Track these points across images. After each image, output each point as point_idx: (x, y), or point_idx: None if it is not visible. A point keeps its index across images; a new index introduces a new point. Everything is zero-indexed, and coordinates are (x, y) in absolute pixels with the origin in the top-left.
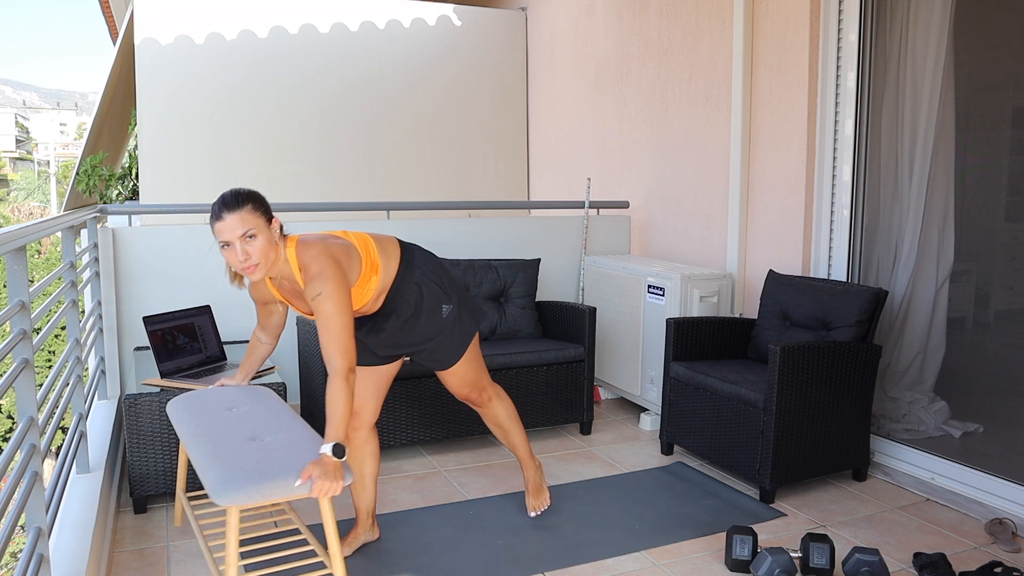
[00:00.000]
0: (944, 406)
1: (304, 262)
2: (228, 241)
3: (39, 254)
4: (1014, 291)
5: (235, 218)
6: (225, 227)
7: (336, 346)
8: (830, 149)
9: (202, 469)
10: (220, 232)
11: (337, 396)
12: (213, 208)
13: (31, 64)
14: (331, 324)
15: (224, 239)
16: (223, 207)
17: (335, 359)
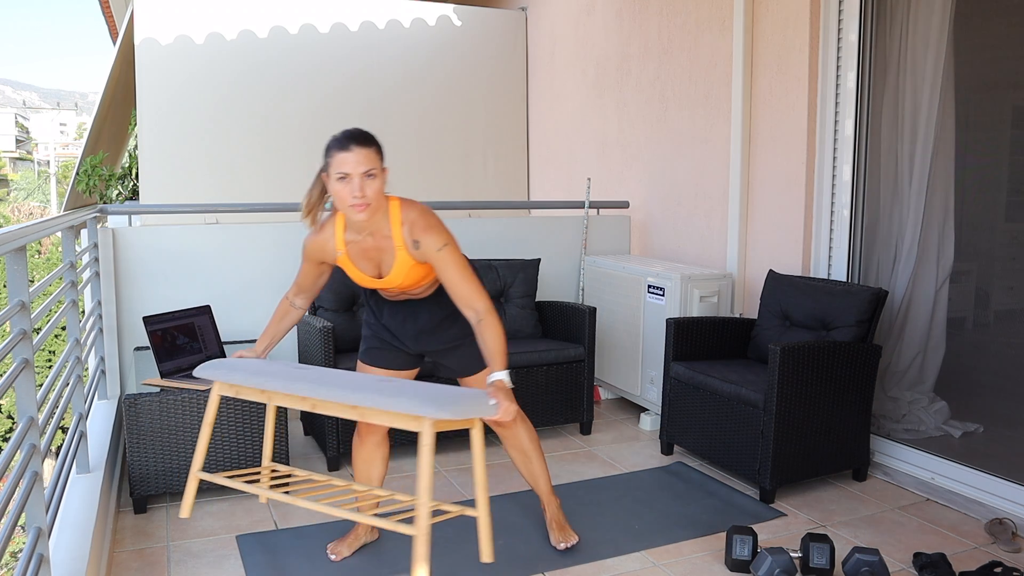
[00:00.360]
0: (944, 406)
1: (411, 217)
2: (348, 174)
3: (39, 254)
4: (1014, 291)
5: (363, 153)
6: (351, 159)
7: (477, 287)
8: (830, 149)
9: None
10: (343, 163)
11: (498, 329)
12: (336, 139)
13: (31, 64)
14: (465, 270)
15: (345, 171)
16: (351, 140)
17: (482, 299)
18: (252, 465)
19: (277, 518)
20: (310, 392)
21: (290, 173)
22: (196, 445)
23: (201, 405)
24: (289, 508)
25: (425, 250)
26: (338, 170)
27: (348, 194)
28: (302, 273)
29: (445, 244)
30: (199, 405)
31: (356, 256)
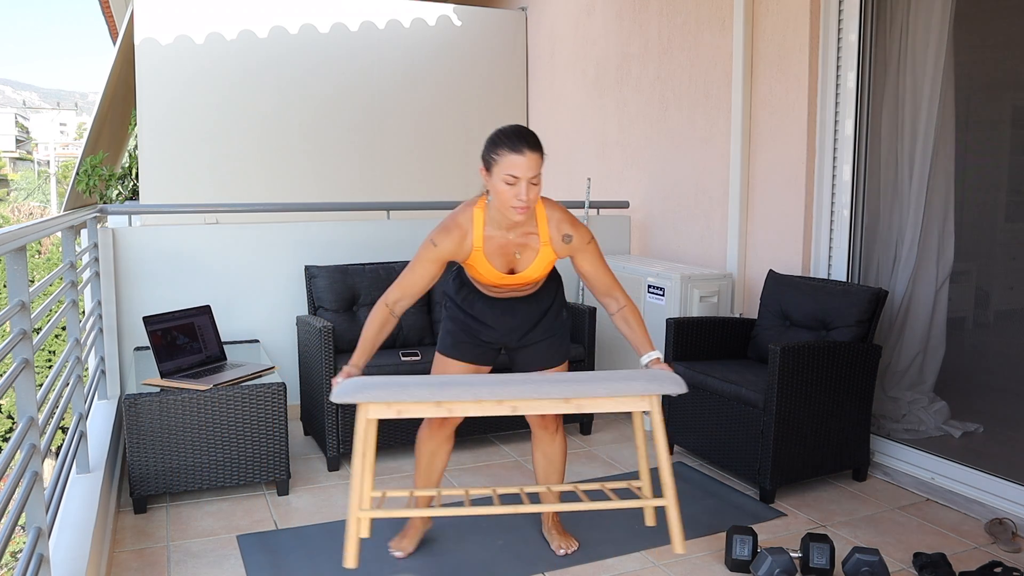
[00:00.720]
0: (944, 406)
1: (556, 215)
2: (518, 177)
3: (39, 254)
4: (1014, 291)
5: (535, 158)
6: (523, 163)
7: (615, 277)
8: (830, 149)
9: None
10: (515, 165)
11: (640, 313)
12: (507, 139)
13: (31, 64)
14: (605, 262)
15: (515, 174)
16: (524, 142)
17: (621, 289)
18: (251, 465)
19: (277, 518)
20: (503, 394)
21: (290, 173)
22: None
23: (201, 405)
24: (289, 508)
25: (576, 243)
26: (508, 172)
27: (513, 196)
28: (416, 275)
29: (592, 238)
30: (199, 405)
31: (492, 252)
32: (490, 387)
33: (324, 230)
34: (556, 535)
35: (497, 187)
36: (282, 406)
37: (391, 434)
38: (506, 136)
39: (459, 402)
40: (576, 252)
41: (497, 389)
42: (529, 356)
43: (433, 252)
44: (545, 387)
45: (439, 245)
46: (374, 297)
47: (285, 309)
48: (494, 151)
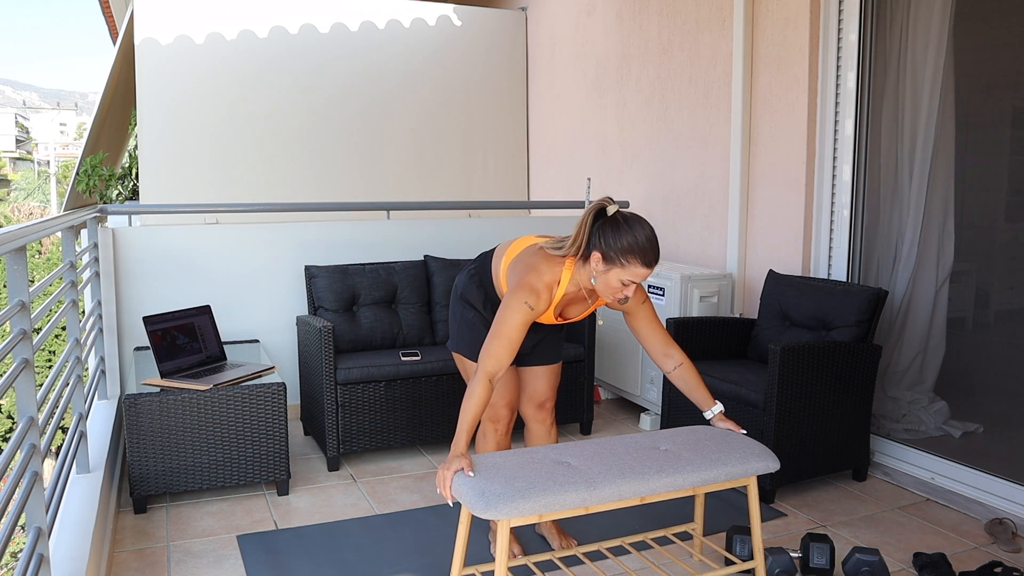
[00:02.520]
0: (944, 406)
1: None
2: (635, 282)
3: (39, 254)
4: (1014, 291)
5: (650, 272)
6: (646, 276)
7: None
8: (830, 149)
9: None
10: (638, 275)
11: (696, 372)
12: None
13: (31, 64)
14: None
15: (636, 280)
16: (656, 259)
17: (676, 345)
18: (251, 465)
19: (277, 518)
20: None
21: (290, 173)
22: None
23: (201, 405)
24: (289, 508)
25: (632, 303)
26: (629, 276)
27: (619, 292)
28: (513, 344)
29: (647, 298)
30: (199, 405)
31: (559, 306)
32: (633, 486)
33: (324, 230)
34: (556, 535)
35: (610, 280)
36: (282, 406)
37: (392, 434)
38: (642, 250)
39: (603, 504)
40: (631, 310)
41: (637, 487)
42: (546, 351)
43: (529, 316)
44: (679, 479)
45: (535, 308)
46: (374, 297)
47: (285, 309)
48: (625, 256)
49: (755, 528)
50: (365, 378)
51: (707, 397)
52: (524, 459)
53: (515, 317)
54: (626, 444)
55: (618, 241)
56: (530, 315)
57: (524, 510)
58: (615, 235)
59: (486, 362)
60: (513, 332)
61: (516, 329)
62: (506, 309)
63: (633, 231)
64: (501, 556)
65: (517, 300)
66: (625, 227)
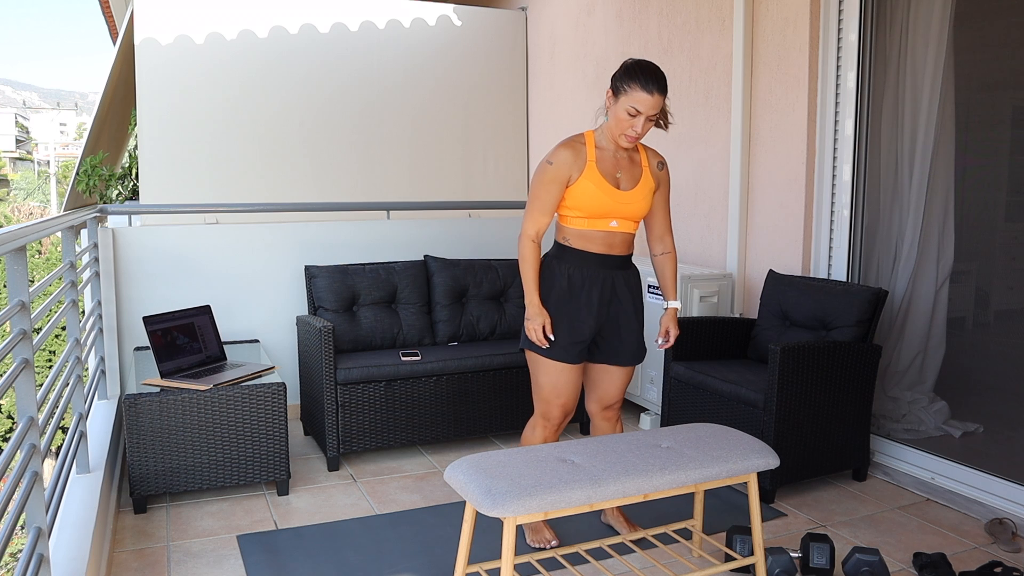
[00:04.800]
0: (944, 406)
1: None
2: (640, 113)
3: (39, 254)
4: (1014, 291)
5: (659, 100)
6: (650, 102)
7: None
8: (830, 149)
9: (710, 473)
10: (641, 102)
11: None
12: (642, 75)
13: (31, 64)
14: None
15: (640, 109)
16: (656, 84)
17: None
18: (251, 465)
19: (277, 518)
20: (645, 488)
21: (290, 173)
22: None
23: (201, 405)
24: (289, 508)
25: (664, 173)
26: (632, 104)
27: (628, 127)
28: (547, 201)
29: (667, 181)
30: (199, 405)
31: (605, 164)
32: (636, 483)
33: (324, 230)
34: (624, 522)
35: (618, 114)
36: (282, 406)
37: (392, 434)
38: (641, 72)
39: (608, 501)
40: (660, 183)
41: (641, 484)
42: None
43: (552, 171)
44: (681, 476)
45: (555, 162)
46: (374, 297)
47: (285, 309)
48: (627, 82)
49: (755, 525)
50: (365, 378)
51: (672, 290)
52: (529, 457)
53: (540, 177)
54: (628, 442)
55: (623, 73)
56: (552, 171)
57: (530, 507)
58: (622, 71)
59: (525, 225)
60: (541, 192)
61: (543, 187)
62: (534, 178)
63: (637, 64)
64: (507, 554)
65: (541, 164)
66: (633, 64)
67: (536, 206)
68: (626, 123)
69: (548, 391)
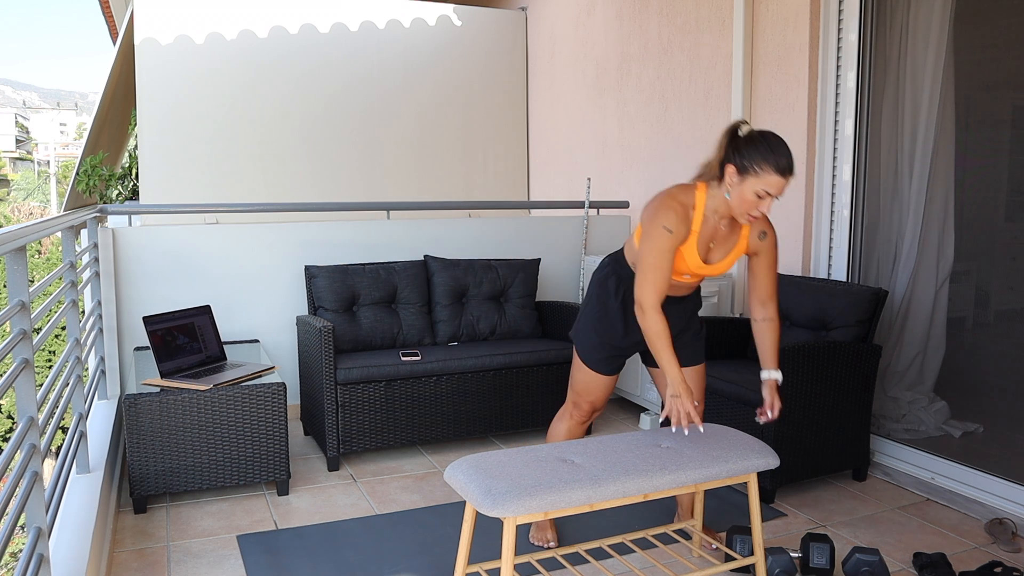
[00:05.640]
0: (944, 406)
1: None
2: (769, 194)
3: (39, 254)
4: (1014, 291)
5: (787, 183)
6: (782, 186)
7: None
8: (830, 149)
9: (711, 473)
10: (773, 185)
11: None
12: (777, 157)
13: (31, 64)
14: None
15: (771, 192)
16: (790, 169)
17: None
18: (251, 465)
19: (277, 518)
20: (646, 488)
21: (290, 173)
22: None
23: (201, 405)
24: (289, 508)
25: (767, 243)
26: (763, 187)
27: (753, 207)
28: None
29: (777, 242)
30: (199, 405)
31: (704, 236)
32: (637, 483)
33: (324, 230)
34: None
35: (744, 195)
36: (282, 406)
37: (392, 434)
38: (775, 155)
39: (608, 501)
40: (762, 251)
41: (641, 484)
42: (682, 355)
43: (671, 240)
44: (682, 476)
45: (674, 230)
46: (374, 297)
47: (285, 309)
48: (758, 163)
49: (755, 524)
50: (365, 378)
51: (772, 359)
52: (529, 457)
53: (657, 244)
54: (628, 442)
55: (752, 152)
56: (671, 240)
57: (531, 507)
58: (748, 146)
59: (645, 297)
60: (660, 260)
61: (663, 256)
62: (647, 240)
63: (767, 141)
64: (507, 554)
65: (655, 227)
66: (760, 139)
67: (656, 275)
68: (752, 204)
69: (580, 388)
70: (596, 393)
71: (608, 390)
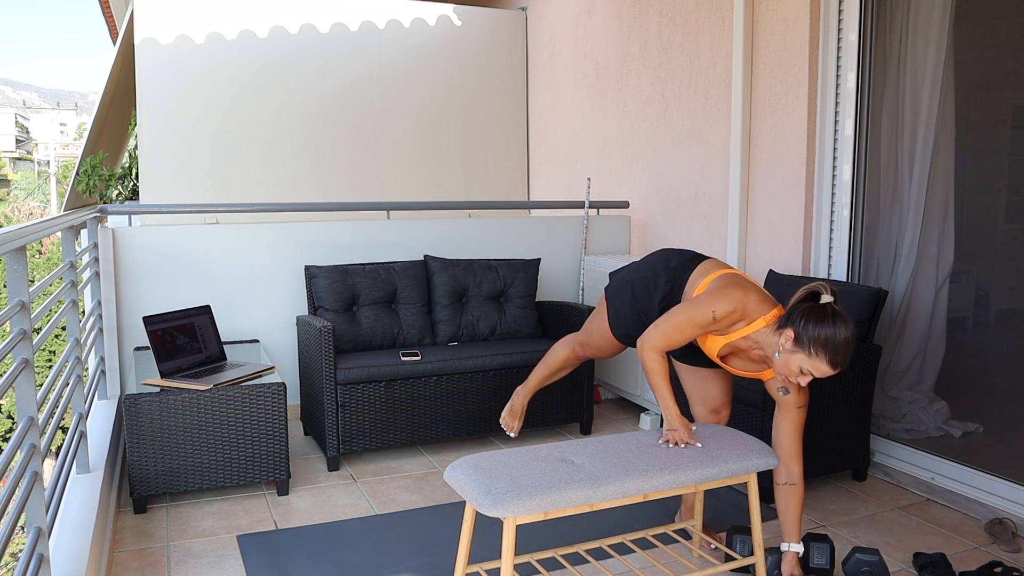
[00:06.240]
0: (944, 406)
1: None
2: (814, 375)
3: (39, 254)
4: (1014, 291)
5: (834, 373)
6: (828, 373)
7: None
8: (830, 149)
9: (711, 474)
10: (820, 371)
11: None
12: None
13: (31, 64)
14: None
15: (817, 374)
16: (845, 364)
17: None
18: (251, 465)
19: (277, 518)
20: (645, 488)
21: (290, 173)
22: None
23: (201, 405)
24: (289, 508)
25: (791, 399)
26: (811, 367)
27: (793, 376)
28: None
29: (805, 404)
30: (199, 405)
31: (731, 347)
32: (637, 483)
33: (324, 230)
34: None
35: (790, 362)
36: (282, 406)
37: (392, 434)
38: (835, 349)
39: (608, 501)
40: (784, 406)
41: (641, 484)
42: (706, 356)
43: (707, 321)
44: (682, 476)
45: (718, 319)
46: (374, 297)
47: (285, 309)
48: (816, 347)
49: (755, 525)
50: (365, 378)
51: (795, 530)
52: (529, 457)
53: (696, 317)
54: (628, 442)
55: (817, 331)
56: (709, 321)
57: (530, 507)
58: (817, 324)
59: (653, 342)
60: (687, 327)
61: (691, 327)
62: (694, 304)
63: (836, 327)
64: (507, 554)
65: (709, 303)
66: (829, 321)
67: (675, 335)
68: (793, 374)
69: (596, 336)
70: (607, 349)
71: (617, 351)
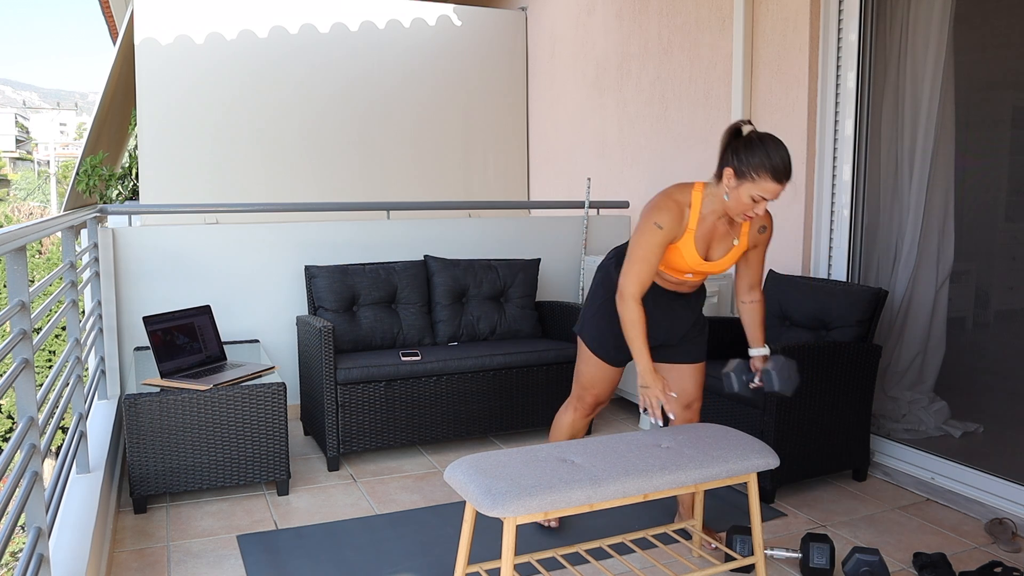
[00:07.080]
0: (944, 406)
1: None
2: (765, 199)
3: (39, 254)
4: (1014, 291)
5: (783, 188)
6: (777, 191)
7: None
8: (830, 149)
9: (711, 474)
10: (769, 191)
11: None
12: (775, 164)
13: (31, 64)
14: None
15: (767, 196)
16: (787, 175)
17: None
18: (251, 465)
19: (277, 518)
20: (646, 488)
21: (290, 173)
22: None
23: (201, 405)
24: (289, 508)
25: (765, 236)
26: (759, 192)
27: (749, 209)
28: (651, 265)
29: (770, 236)
30: (199, 405)
31: (700, 235)
32: (637, 483)
33: (324, 230)
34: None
35: (741, 197)
36: (282, 406)
37: (392, 434)
38: (773, 164)
39: (608, 501)
40: (758, 244)
41: (641, 484)
42: (686, 352)
43: (660, 236)
44: (682, 476)
45: (665, 227)
46: (374, 297)
47: (285, 309)
48: (755, 169)
49: (755, 525)
50: (365, 378)
51: (761, 337)
52: (529, 457)
53: (646, 238)
54: (628, 442)
55: (750, 156)
56: (661, 235)
57: (531, 507)
58: (748, 151)
59: (627, 286)
60: (648, 253)
61: (650, 250)
62: (638, 233)
63: (766, 147)
64: (507, 554)
65: (647, 222)
66: (758, 143)
67: (642, 267)
68: (748, 207)
69: (586, 380)
70: (602, 386)
71: (613, 383)
